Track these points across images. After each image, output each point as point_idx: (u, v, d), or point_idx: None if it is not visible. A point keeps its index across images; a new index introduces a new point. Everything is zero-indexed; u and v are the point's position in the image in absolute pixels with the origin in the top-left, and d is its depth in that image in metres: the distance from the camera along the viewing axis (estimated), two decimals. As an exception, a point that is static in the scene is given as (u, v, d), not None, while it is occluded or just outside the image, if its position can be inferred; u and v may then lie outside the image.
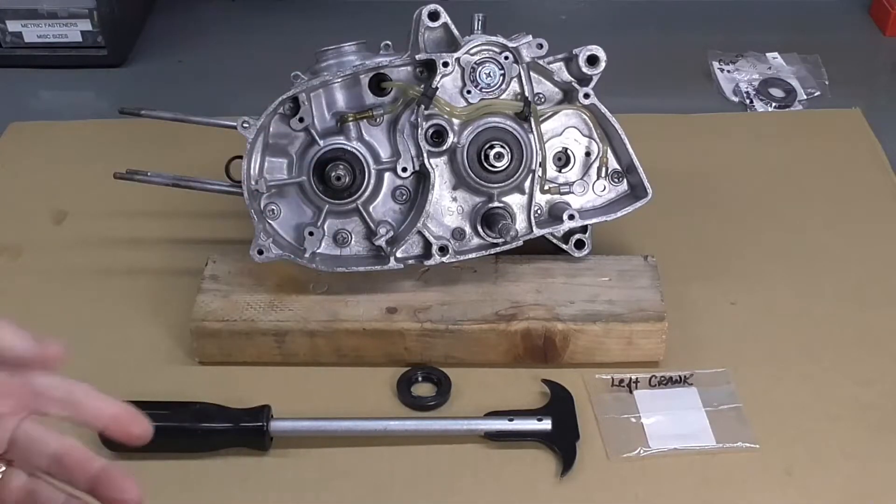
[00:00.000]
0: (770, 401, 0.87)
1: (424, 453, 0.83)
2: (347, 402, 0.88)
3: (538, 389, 0.88)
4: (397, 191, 0.92)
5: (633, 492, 0.80)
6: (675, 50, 1.40)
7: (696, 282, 0.98)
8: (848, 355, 0.92)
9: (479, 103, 0.89)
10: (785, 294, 0.98)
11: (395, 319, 0.89)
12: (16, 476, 0.58)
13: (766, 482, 0.81)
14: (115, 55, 1.37)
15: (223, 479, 0.81)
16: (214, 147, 0.94)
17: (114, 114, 0.99)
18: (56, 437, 0.58)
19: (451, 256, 0.91)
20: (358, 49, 0.92)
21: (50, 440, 0.58)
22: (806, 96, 1.30)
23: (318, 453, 0.83)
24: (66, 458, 0.58)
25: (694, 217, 1.08)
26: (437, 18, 0.88)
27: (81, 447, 0.59)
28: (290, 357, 0.90)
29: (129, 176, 0.93)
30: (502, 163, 0.89)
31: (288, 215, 0.92)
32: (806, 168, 1.15)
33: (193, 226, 1.06)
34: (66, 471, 0.58)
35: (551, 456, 0.83)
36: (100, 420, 0.59)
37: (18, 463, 0.58)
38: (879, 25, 1.46)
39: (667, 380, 0.89)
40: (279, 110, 0.90)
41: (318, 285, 0.92)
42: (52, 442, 0.58)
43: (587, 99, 0.91)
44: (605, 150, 0.93)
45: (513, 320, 0.89)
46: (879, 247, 1.04)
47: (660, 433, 0.84)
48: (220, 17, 1.50)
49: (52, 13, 1.32)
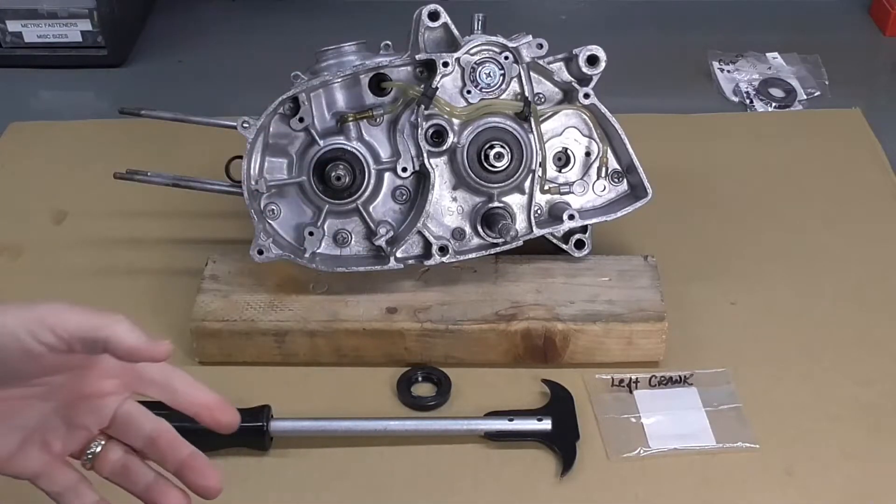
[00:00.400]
0: (770, 401, 0.87)
1: (424, 453, 0.83)
2: (347, 402, 0.88)
3: (538, 389, 0.88)
4: (397, 191, 0.92)
5: (633, 492, 0.80)
6: (675, 50, 1.40)
7: (696, 282, 0.98)
8: (848, 355, 0.92)
9: (479, 103, 0.89)
10: (785, 294, 0.98)
11: (395, 319, 0.89)
12: (113, 450, 0.63)
13: (766, 482, 0.81)
14: (115, 55, 1.37)
15: (223, 479, 0.81)
16: (214, 147, 0.94)
17: (114, 114, 0.99)
18: (153, 418, 0.64)
19: (451, 256, 0.91)
20: (358, 49, 0.92)
21: (147, 421, 0.63)
22: (806, 96, 1.30)
23: (318, 453, 0.83)
24: (159, 440, 0.63)
25: (694, 217, 1.08)
26: (437, 18, 0.88)
27: (174, 431, 0.64)
28: (290, 357, 0.90)
29: (129, 176, 0.93)
30: (502, 163, 0.89)
31: (288, 215, 0.92)
32: (806, 168, 1.15)
33: (193, 226, 1.06)
34: (158, 451, 0.63)
35: (551, 456, 0.83)
36: (193, 406, 0.63)
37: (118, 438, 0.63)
38: (879, 25, 1.46)
39: (667, 380, 0.89)
40: (279, 110, 0.90)
41: (318, 285, 0.92)
42: (149, 423, 0.63)
43: (587, 99, 0.91)
44: (605, 150, 0.93)
45: (513, 320, 0.89)
46: (879, 247, 1.04)
47: (660, 433, 0.84)
48: (220, 17, 1.50)
49: (52, 13, 1.32)
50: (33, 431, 0.61)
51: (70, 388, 0.61)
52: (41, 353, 0.56)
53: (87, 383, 0.62)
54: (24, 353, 0.56)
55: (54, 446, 0.62)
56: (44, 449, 0.61)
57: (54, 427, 0.61)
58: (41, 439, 0.61)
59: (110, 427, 0.63)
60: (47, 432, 0.61)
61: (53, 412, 0.61)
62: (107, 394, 0.62)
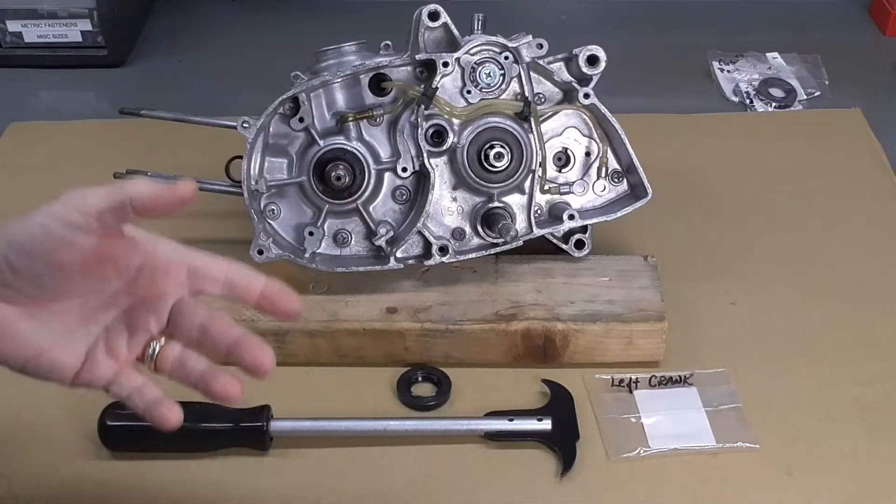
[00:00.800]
0: (770, 401, 0.87)
1: (424, 453, 0.83)
2: (347, 402, 0.88)
3: (538, 389, 0.88)
4: (397, 191, 0.92)
5: (633, 492, 0.80)
6: (675, 50, 1.40)
7: (696, 282, 0.98)
8: (848, 355, 0.91)
9: (479, 103, 0.89)
10: (785, 294, 0.98)
11: (395, 319, 0.89)
12: (171, 347, 0.65)
13: (766, 482, 0.81)
14: (115, 55, 1.37)
15: (223, 479, 0.81)
16: (214, 147, 0.94)
17: (114, 114, 0.99)
18: (203, 308, 0.65)
19: (451, 256, 0.91)
20: (358, 49, 0.92)
21: (199, 311, 0.65)
22: (806, 96, 1.30)
23: (318, 453, 0.83)
24: (211, 327, 0.65)
25: (694, 217, 1.08)
26: (437, 18, 0.88)
27: (226, 317, 0.66)
28: (290, 357, 0.90)
29: (130, 176, 0.93)
30: (502, 163, 0.89)
31: (288, 215, 0.92)
32: (806, 168, 1.15)
33: (193, 226, 1.06)
34: (211, 338, 0.65)
35: (551, 456, 0.83)
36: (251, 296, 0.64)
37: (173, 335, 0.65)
38: (879, 25, 1.46)
39: (667, 380, 0.89)
40: (279, 110, 0.90)
41: (318, 285, 0.92)
42: (201, 312, 0.65)
43: (587, 99, 0.91)
44: (605, 150, 0.93)
45: (513, 320, 0.89)
46: (879, 247, 1.04)
47: (660, 433, 0.84)
48: (220, 17, 1.50)
49: (52, 13, 1.32)
50: (99, 339, 0.63)
51: (127, 295, 0.64)
52: (74, 237, 0.59)
53: (144, 287, 0.64)
54: (58, 241, 0.59)
55: (120, 352, 0.64)
56: (111, 355, 0.64)
57: (118, 333, 0.64)
58: (107, 346, 0.64)
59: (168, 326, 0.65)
60: (112, 339, 0.64)
61: (115, 319, 0.64)
62: (163, 294, 0.64)
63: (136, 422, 0.83)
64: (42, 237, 0.59)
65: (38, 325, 0.61)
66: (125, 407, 0.83)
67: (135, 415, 0.83)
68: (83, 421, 0.84)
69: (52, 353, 0.61)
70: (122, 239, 0.62)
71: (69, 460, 0.83)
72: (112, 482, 0.81)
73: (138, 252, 0.63)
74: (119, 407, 0.83)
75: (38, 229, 0.59)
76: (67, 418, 0.85)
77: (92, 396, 0.84)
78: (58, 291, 0.61)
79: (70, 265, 0.60)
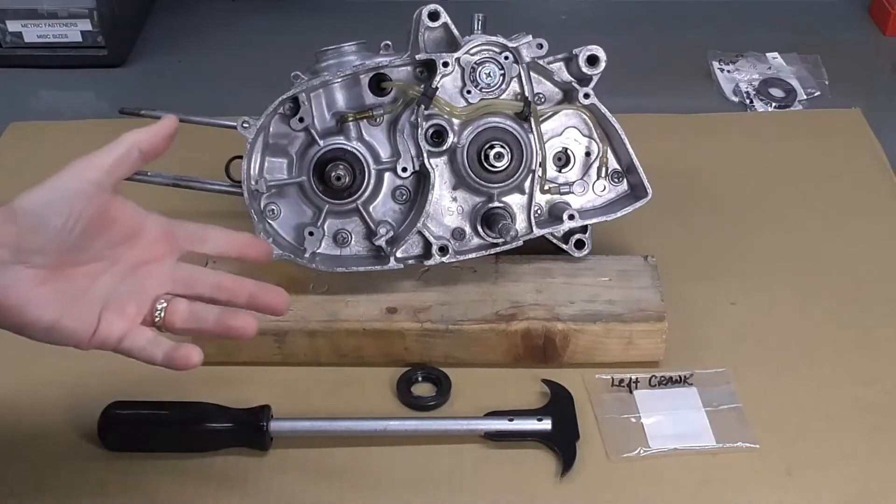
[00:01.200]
0: (770, 401, 0.87)
1: (424, 453, 0.83)
2: (347, 402, 0.88)
3: (538, 389, 0.88)
4: (397, 191, 0.92)
5: (633, 492, 0.80)
6: (675, 50, 1.40)
7: (696, 282, 0.98)
8: (848, 355, 0.91)
9: (479, 103, 0.89)
10: (785, 294, 0.98)
11: (395, 319, 0.89)
12: (178, 303, 0.72)
13: (766, 482, 0.81)
14: (115, 55, 1.37)
15: (223, 479, 0.81)
16: (214, 147, 0.94)
17: (114, 114, 0.99)
18: (212, 272, 0.75)
19: (451, 256, 0.91)
20: (358, 49, 0.92)
21: (209, 273, 0.75)
22: (806, 96, 1.30)
23: (318, 453, 0.83)
24: (224, 282, 0.73)
25: (694, 217, 1.08)
26: (437, 18, 0.88)
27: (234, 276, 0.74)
28: (290, 357, 0.90)
29: (129, 176, 0.93)
30: (502, 163, 0.89)
31: (288, 215, 0.92)
32: (806, 168, 1.15)
33: (193, 226, 1.06)
34: (226, 291, 0.73)
35: (551, 456, 0.83)
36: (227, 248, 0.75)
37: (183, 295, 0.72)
38: (879, 25, 1.46)
39: (667, 380, 0.89)
40: (279, 110, 0.90)
41: (318, 285, 0.92)
42: (211, 274, 0.74)
43: (587, 99, 0.91)
44: (605, 150, 0.93)
45: (513, 320, 0.89)
46: (879, 247, 1.04)
47: (660, 433, 0.84)
48: (220, 17, 1.50)
49: (52, 13, 1.32)
50: (108, 301, 0.69)
51: (128, 258, 0.71)
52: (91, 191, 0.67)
53: (139, 252, 0.71)
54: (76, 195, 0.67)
55: (129, 311, 0.70)
56: (121, 315, 0.69)
57: (124, 294, 0.70)
58: (116, 307, 0.69)
59: (176, 286, 0.72)
60: (120, 300, 0.70)
61: (120, 281, 0.70)
62: (158, 257, 0.72)
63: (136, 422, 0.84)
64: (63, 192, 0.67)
65: (53, 289, 0.66)
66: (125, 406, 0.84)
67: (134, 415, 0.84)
68: (83, 421, 0.84)
69: (66, 321, 0.67)
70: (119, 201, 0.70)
71: (69, 460, 0.83)
72: (112, 482, 0.81)
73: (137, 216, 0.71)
74: (119, 407, 0.84)
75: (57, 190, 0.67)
76: (67, 418, 0.85)
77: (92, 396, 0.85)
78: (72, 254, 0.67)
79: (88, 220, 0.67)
